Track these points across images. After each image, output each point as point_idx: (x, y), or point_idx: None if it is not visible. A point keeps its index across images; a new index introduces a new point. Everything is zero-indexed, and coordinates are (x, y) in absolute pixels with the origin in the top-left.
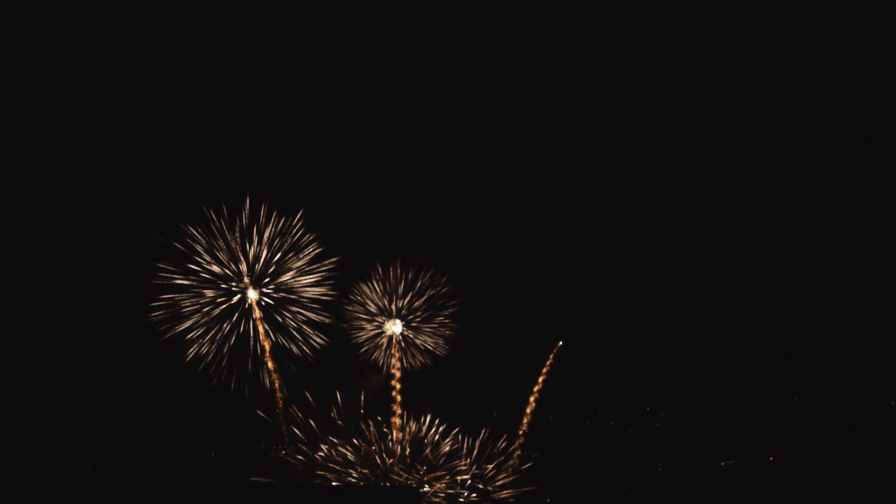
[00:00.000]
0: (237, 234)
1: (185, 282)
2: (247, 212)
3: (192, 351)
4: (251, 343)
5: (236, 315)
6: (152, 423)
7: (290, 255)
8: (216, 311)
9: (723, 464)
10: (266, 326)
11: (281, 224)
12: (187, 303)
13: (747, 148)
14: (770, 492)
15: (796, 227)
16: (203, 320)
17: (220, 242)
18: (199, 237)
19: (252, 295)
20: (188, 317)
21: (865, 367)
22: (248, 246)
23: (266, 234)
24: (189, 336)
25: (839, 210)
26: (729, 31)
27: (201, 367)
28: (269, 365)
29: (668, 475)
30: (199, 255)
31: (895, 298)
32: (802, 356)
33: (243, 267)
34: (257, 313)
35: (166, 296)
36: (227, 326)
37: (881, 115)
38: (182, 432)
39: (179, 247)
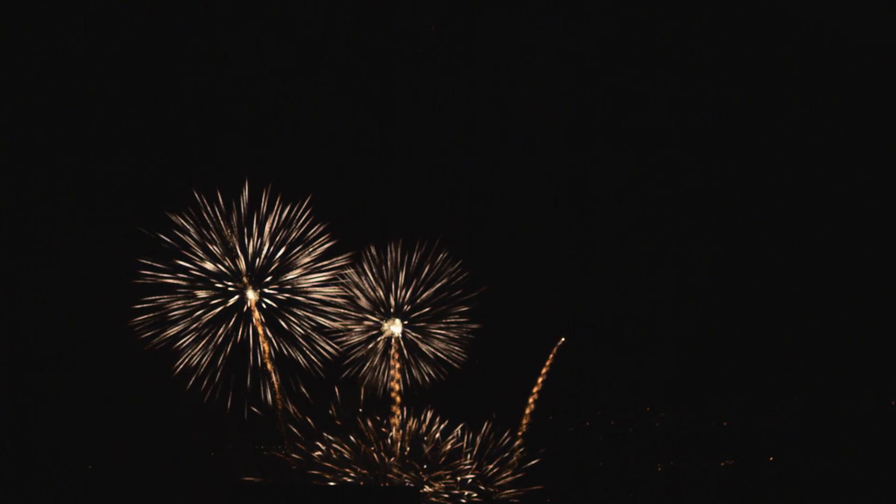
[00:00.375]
0: (234, 226)
1: (174, 281)
2: (246, 199)
3: (181, 362)
4: (250, 352)
5: (233, 320)
6: (150, 423)
7: (297, 249)
8: (209, 316)
9: (723, 464)
10: (268, 332)
11: (285, 213)
12: (176, 306)
13: (749, 148)
14: (770, 492)
15: (797, 227)
16: (194, 326)
17: (215, 235)
18: (190, 229)
19: (251, 296)
20: (176, 322)
21: (865, 367)
22: (246, 239)
23: (268, 226)
24: (178, 345)
25: (840, 210)
26: (731, 30)
27: (192, 380)
28: (269, 366)
29: (668, 475)
30: (190, 250)
31: (895, 299)
32: (802, 356)
33: (241, 263)
34: (257, 317)
35: (151, 298)
36: (222, 333)
37: (883, 115)
38: (180, 432)
39: (167, 240)
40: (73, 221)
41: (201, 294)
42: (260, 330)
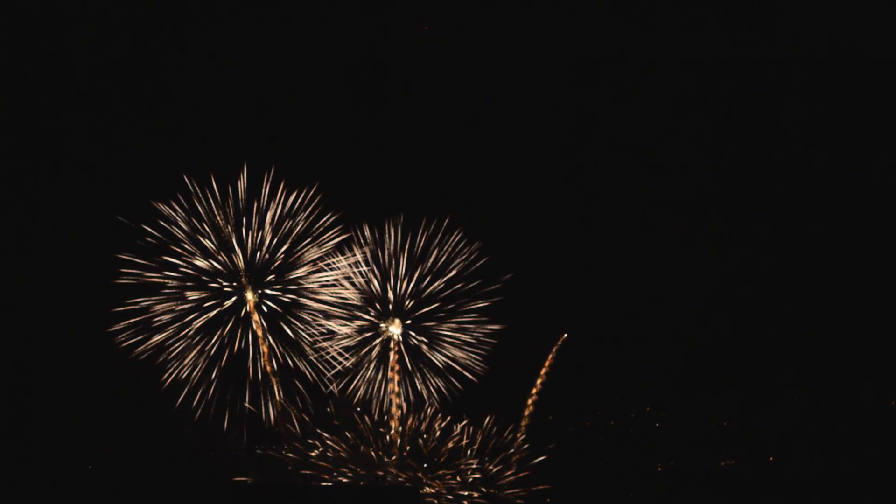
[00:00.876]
0: (230, 216)
1: (159, 280)
2: (244, 185)
3: (168, 375)
4: (249, 362)
5: (229, 325)
6: (149, 423)
7: (305, 244)
8: (202, 321)
9: (723, 464)
10: (269, 339)
11: (291, 200)
12: (163, 309)
13: (750, 149)
14: (770, 492)
15: (797, 227)
16: (184, 333)
17: (208, 226)
18: (179, 219)
19: (250, 297)
20: (164, 328)
21: (865, 367)
22: (244, 231)
23: (270, 216)
24: (166, 355)
25: (840, 211)
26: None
27: (182, 396)
28: (271, 377)
29: (668, 475)
30: (179, 244)
31: (894, 299)
32: (802, 356)
33: (239, 260)
34: (257, 321)
35: (134, 300)
36: (216, 341)
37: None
38: (178, 433)
39: (152, 232)
40: (43, 211)
41: (191, 295)
42: (260, 335)
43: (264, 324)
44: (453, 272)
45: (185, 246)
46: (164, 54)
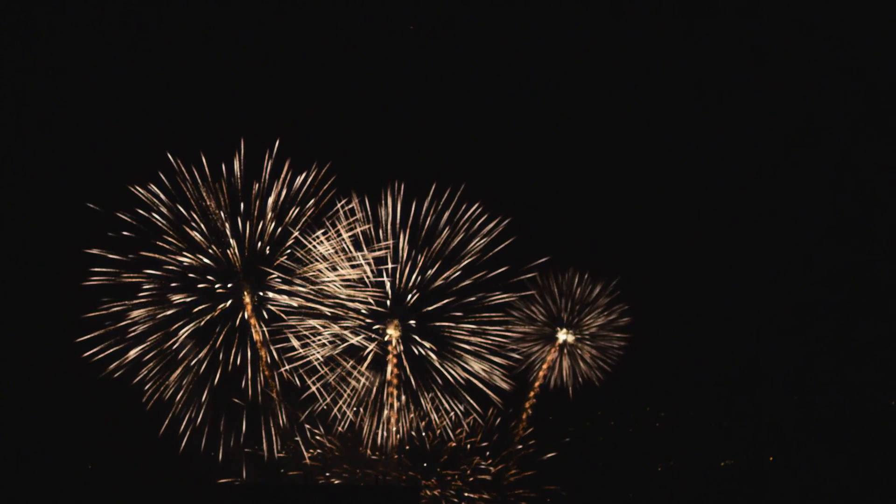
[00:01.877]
0: (224, 200)
1: (138, 278)
2: (241, 163)
3: (148, 394)
4: (247, 379)
5: (223, 334)
6: (147, 424)
7: (316, 234)
8: (188, 329)
9: (723, 464)
10: (272, 351)
11: (298, 182)
12: (140, 315)
13: (753, 154)
14: (770, 492)
15: (796, 227)
16: (169, 344)
17: (197, 214)
18: (162, 206)
19: (248, 299)
20: (142, 339)
21: (865, 367)
22: (241, 221)
23: (272, 199)
24: (145, 373)
25: (840, 211)
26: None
27: (167, 421)
28: (273, 394)
29: (668, 475)
30: (163, 235)
31: (894, 299)
32: (802, 356)
33: (234, 253)
34: (256, 327)
35: (105, 305)
36: (206, 354)
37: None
38: (175, 434)
39: (129, 221)
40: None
41: (175, 298)
42: (258, 340)
43: (265, 330)
44: (471, 256)
45: (169, 238)
46: (143, 14)
